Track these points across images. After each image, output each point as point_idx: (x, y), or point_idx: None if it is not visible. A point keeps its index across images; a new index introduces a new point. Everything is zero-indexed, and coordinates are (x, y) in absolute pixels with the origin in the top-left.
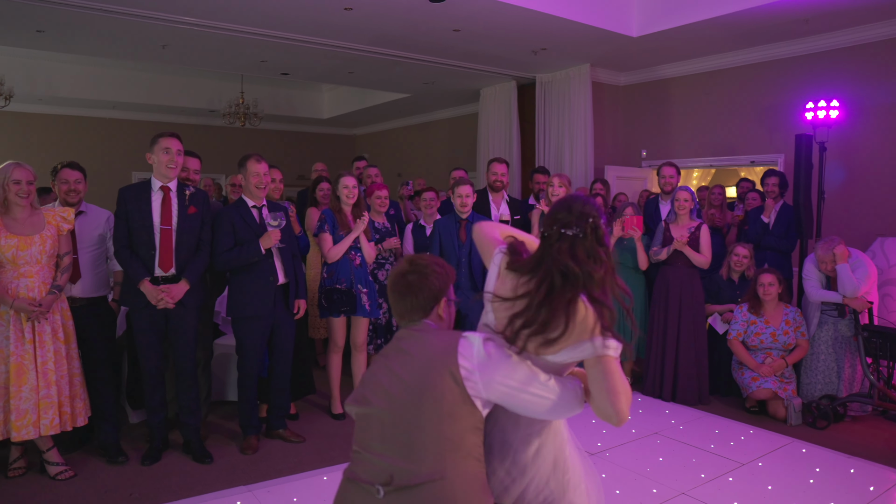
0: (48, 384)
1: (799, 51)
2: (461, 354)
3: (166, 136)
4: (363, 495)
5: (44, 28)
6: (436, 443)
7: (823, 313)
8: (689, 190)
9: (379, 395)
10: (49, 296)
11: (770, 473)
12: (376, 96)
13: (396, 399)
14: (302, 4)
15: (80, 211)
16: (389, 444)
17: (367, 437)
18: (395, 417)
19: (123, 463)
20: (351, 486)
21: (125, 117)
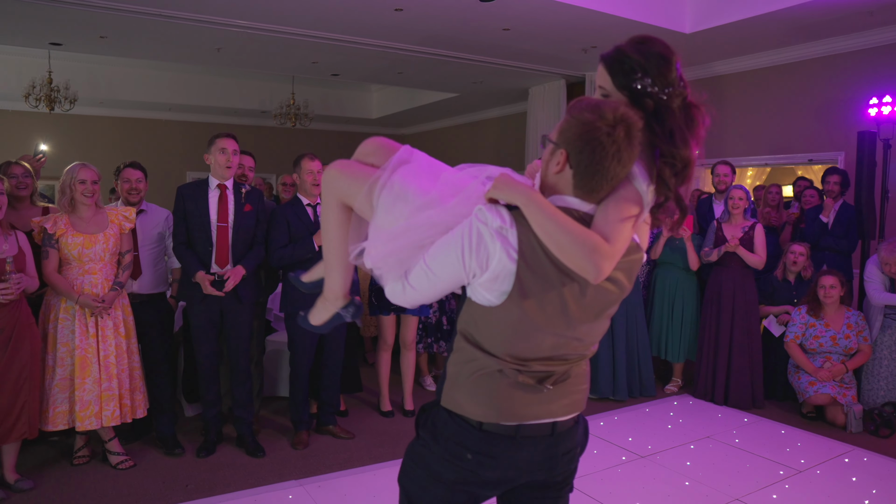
0: (110, 377)
1: (862, 44)
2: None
3: (223, 136)
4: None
5: (106, 34)
6: None
7: (887, 317)
8: (743, 188)
9: None
10: (111, 292)
11: (829, 482)
12: (425, 96)
13: None
14: (353, 6)
15: (141, 210)
16: None
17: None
18: None
19: (180, 455)
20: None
21: (180, 118)
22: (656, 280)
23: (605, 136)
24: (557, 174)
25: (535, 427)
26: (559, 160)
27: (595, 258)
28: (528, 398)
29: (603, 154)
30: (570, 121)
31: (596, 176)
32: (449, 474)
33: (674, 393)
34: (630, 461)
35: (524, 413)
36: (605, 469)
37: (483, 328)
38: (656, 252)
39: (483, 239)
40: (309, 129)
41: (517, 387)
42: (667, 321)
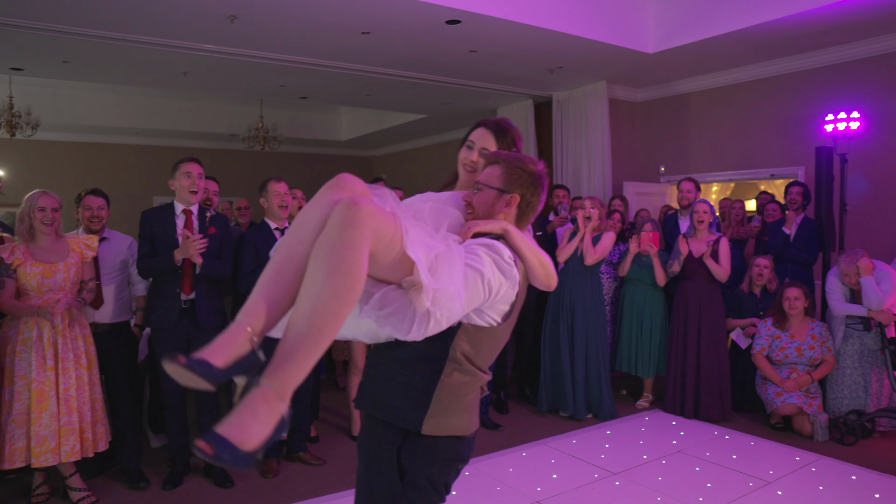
0: (70, 411)
1: (817, 63)
2: None
3: (187, 161)
4: None
5: (69, 59)
6: None
7: (848, 327)
8: (707, 203)
9: None
10: (77, 302)
11: (797, 492)
12: (394, 117)
13: None
14: (320, 30)
15: (104, 237)
16: None
17: None
18: None
19: (145, 488)
20: None
21: (147, 143)
22: (625, 296)
23: (544, 184)
24: (507, 214)
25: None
26: (510, 202)
27: (553, 272)
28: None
29: (539, 198)
30: (517, 171)
31: (533, 211)
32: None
33: (645, 408)
34: (602, 478)
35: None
36: (578, 487)
37: (482, 348)
38: (624, 269)
39: (504, 267)
40: (278, 152)
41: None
42: (636, 337)
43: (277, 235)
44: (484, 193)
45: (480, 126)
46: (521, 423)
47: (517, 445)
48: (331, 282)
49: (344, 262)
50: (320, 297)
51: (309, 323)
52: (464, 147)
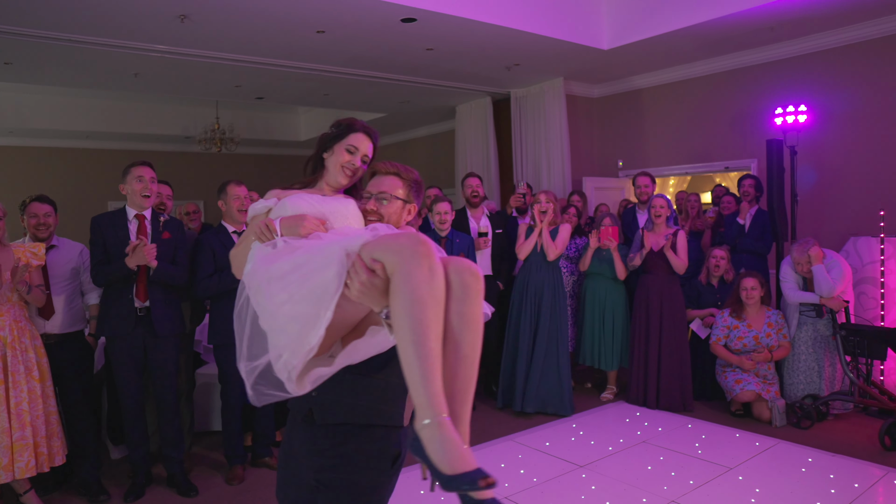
0: (22, 425)
1: (766, 58)
2: None
3: (138, 164)
4: None
5: (11, 60)
6: None
7: (802, 314)
8: (664, 197)
9: None
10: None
11: (758, 476)
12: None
13: None
14: (274, 29)
15: (52, 245)
16: None
17: None
18: None
19: (105, 502)
20: None
21: (99, 146)
22: (586, 290)
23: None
24: (408, 223)
25: None
26: (411, 211)
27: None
28: None
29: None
30: (414, 183)
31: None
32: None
33: (609, 400)
34: (569, 471)
35: None
36: (545, 482)
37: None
38: (585, 263)
39: None
40: (235, 153)
41: None
42: (598, 330)
43: (235, 238)
44: (392, 204)
45: (359, 131)
46: (487, 419)
47: (483, 442)
48: (478, 342)
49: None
50: (474, 359)
51: (472, 382)
52: (342, 150)
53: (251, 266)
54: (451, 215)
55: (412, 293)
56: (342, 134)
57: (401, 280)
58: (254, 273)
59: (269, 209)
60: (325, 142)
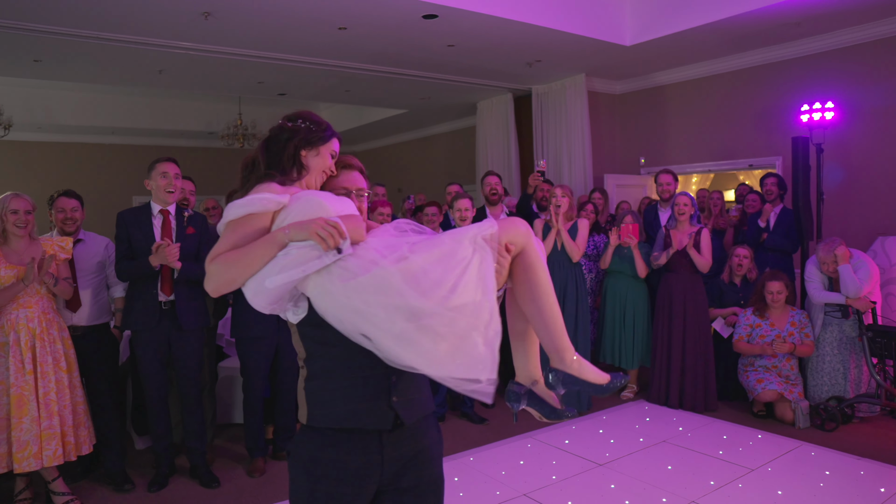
0: (50, 415)
1: (792, 54)
2: None
3: (163, 161)
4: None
5: (41, 57)
6: None
7: (827, 315)
8: (688, 195)
9: None
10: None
11: (780, 478)
12: (373, 113)
13: None
14: (296, 26)
15: (79, 239)
16: None
17: None
18: None
19: (130, 490)
20: None
21: (124, 142)
22: (607, 288)
23: None
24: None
25: None
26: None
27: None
28: None
29: None
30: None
31: None
32: None
33: (629, 399)
34: (588, 470)
35: None
36: (564, 479)
37: None
38: (605, 261)
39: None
40: None
41: None
42: (619, 329)
43: None
44: (365, 199)
45: (335, 137)
46: (508, 416)
47: (503, 439)
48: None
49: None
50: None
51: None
52: (328, 154)
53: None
54: (471, 212)
55: (542, 265)
56: (327, 137)
57: (533, 256)
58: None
59: (283, 206)
60: (309, 139)
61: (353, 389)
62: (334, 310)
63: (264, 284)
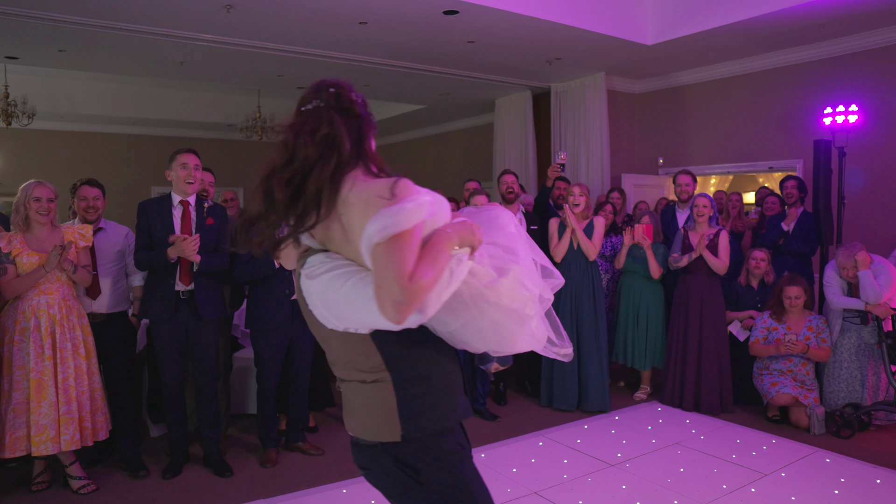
0: (69, 400)
1: (816, 55)
2: None
3: (184, 152)
4: None
5: (65, 48)
6: None
7: (846, 321)
8: (708, 197)
9: None
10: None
11: (794, 484)
12: (392, 108)
13: None
14: (317, 20)
15: (100, 227)
16: None
17: None
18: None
19: (145, 477)
20: None
21: (144, 133)
22: (621, 288)
23: None
24: None
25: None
26: None
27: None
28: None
29: None
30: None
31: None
32: None
33: (643, 400)
34: (599, 470)
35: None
36: (575, 479)
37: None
38: (619, 261)
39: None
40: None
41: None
42: (632, 329)
43: None
44: None
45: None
46: (520, 414)
47: (515, 437)
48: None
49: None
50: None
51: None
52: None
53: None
54: None
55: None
56: (374, 126)
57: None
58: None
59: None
60: (368, 128)
61: (454, 386)
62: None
63: (441, 296)
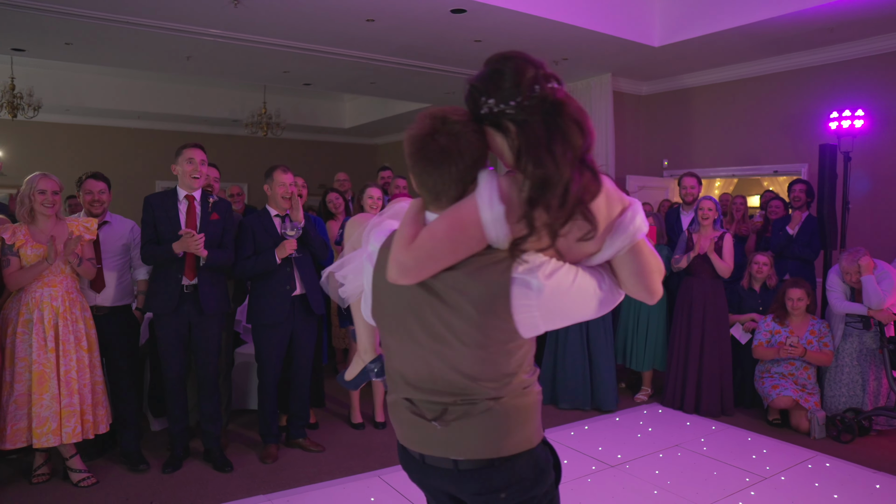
0: (70, 393)
1: (823, 60)
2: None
3: (190, 146)
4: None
5: (72, 41)
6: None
7: (848, 325)
8: (713, 200)
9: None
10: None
11: (793, 488)
12: (398, 106)
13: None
14: (324, 16)
15: (105, 221)
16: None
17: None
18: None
19: (145, 471)
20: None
21: (150, 127)
22: None
23: (429, 142)
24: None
25: (436, 459)
26: (415, 184)
27: (394, 251)
28: (427, 430)
29: (428, 161)
30: (404, 144)
31: (427, 184)
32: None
33: (643, 402)
34: (600, 471)
35: (424, 444)
36: (575, 479)
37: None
38: None
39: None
40: (281, 138)
41: (407, 418)
42: (632, 330)
43: (277, 223)
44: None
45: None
46: None
47: None
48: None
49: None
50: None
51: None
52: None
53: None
54: None
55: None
56: None
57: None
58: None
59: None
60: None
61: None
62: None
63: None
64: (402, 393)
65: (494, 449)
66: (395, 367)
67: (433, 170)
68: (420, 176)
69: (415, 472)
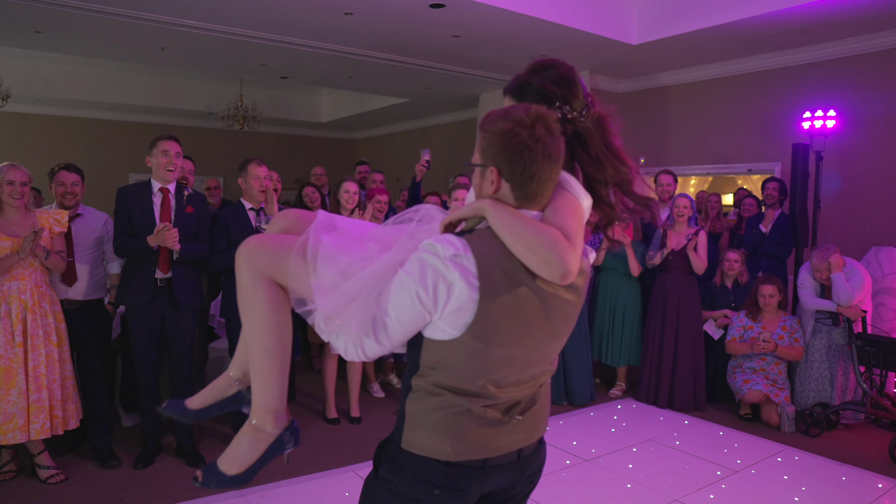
0: (39, 388)
1: (797, 60)
2: None
3: (165, 139)
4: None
5: (42, 29)
6: None
7: (817, 321)
8: (688, 197)
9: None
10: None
11: (763, 481)
12: (375, 100)
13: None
14: (302, 8)
15: (78, 213)
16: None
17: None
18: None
19: (115, 467)
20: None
21: (123, 119)
22: (599, 285)
23: (527, 139)
24: (495, 193)
25: (502, 457)
26: (492, 179)
27: (559, 249)
28: (497, 431)
29: (532, 157)
30: (487, 137)
31: (532, 180)
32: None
33: (618, 397)
34: (574, 465)
35: (493, 447)
36: (550, 473)
37: (448, 366)
38: (598, 258)
39: (438, 272)
40: (257, 131)
41: (486, 423)
42: (608, 326)
43: (251, 216)
44: (474, 174)
45: (504, 94)
46: None
47: None
48: (246, 325)
49: (244, 304)
50: (248, 339)
51: (251, 363)
52: None
53: None
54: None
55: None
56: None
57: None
58: None
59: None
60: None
61: None
62: None
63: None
64: (480, 402)
65: (546, 423)
66: (490, 377)
67: (554, 165)
68: (541, 170)
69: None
